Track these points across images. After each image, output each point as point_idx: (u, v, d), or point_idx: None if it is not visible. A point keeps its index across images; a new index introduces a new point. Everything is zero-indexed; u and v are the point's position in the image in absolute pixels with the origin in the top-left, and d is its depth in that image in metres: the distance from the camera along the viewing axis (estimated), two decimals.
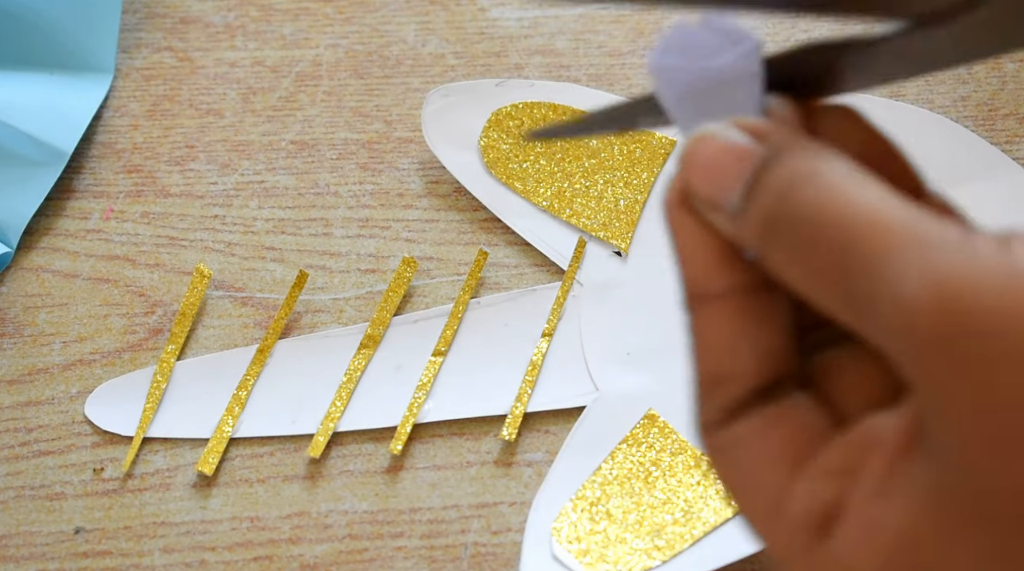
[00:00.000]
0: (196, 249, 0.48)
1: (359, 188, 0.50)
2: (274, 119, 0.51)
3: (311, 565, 0.42)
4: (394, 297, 0.46)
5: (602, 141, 0.49)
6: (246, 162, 0.50)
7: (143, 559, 0.42)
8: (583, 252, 0.47)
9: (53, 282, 0.48)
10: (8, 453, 0.44)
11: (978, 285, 0.20)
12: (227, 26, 0.54)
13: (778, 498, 0.24)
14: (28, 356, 0.46)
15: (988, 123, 0.50)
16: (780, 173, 0.23)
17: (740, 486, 0.25)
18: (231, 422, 0.44)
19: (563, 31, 0.54)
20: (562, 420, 0.44)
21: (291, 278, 0.47)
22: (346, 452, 0.44)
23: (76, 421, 0.45)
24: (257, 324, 0.47)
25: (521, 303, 0.47)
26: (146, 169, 0.50)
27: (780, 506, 0.24)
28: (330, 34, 0.54)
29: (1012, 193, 0.48)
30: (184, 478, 0.43)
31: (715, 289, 0.24)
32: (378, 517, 0.43)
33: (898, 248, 0.21)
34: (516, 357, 0.45)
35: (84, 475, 0.43)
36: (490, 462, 0.44)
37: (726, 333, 0.24)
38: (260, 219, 0.49)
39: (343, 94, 0.52)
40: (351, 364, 0.45)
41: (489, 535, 0.42)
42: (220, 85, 0.52)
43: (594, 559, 0.41)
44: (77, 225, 0.49)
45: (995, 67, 0.52)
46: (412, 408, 0.44)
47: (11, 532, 0.42)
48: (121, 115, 0.52)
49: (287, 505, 0.43)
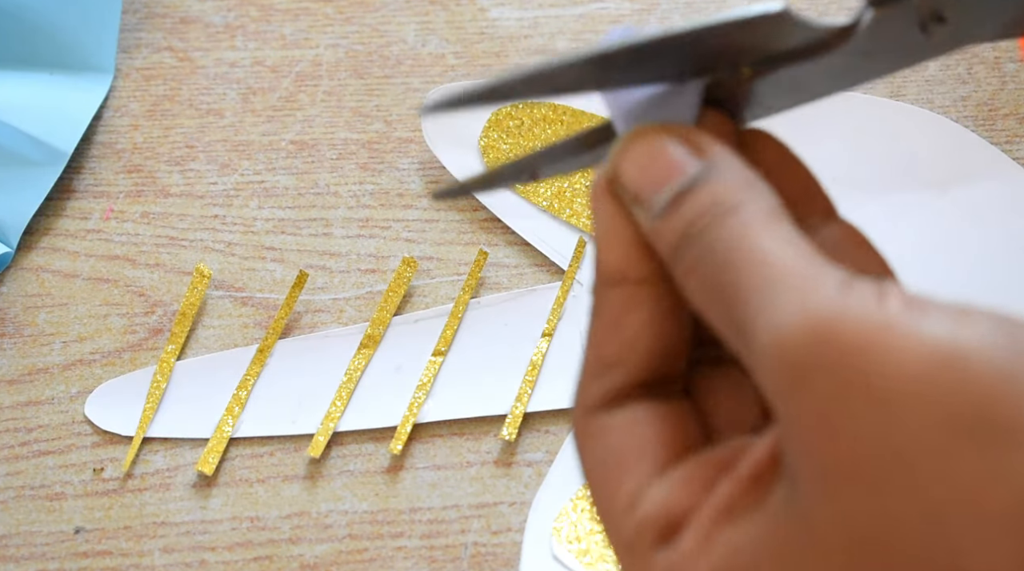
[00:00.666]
0: (196, 249, 0.48)
1: (359, 188, 0.50)
2: (274, 119, 0.51)
3: (311, 565, 0.42)
4: (394, 297, 0.46)
5: None
6: (246, 162, 0.50)
7: (143, 559, 0.42)
8: (583, 252, 0.47)
9: (53, 282, 0.48)
10: (8, 453, 0.44)
11: (843, 325, 0.21)
12: (227, 26, 0.54)
13: (635, 494, 0.24)
14: (28, 356, 0.46)
15: (988, 123, 0.50)
16: (705, 198, 0.24)
17: (602, 475, 0.25)
18: (231, 422, 0.44)
19: (563, 31, 0.54)
20: (562, 420, 0.44)
21: (291, 278, 0.47)
22: (346, 452, 0.44)
23: (76, 421, 0.45)
24: (257, 324, 0.47)
25: (521, 303, 0.47)
26: (146, 169, 0.50)
27: (634, 503, 0.24)
28: (330, 34, 0.54)
29: (1012, 193, 0.48)
30: (184, 478, 0.43)
31: (627, 276, 0.25)
32: (378, 517, 0.43)
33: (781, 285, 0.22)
34: (516, 357, 0.45)
35: (84, 475, 0.43)
36: (490, 462, 0.44)
37: (629, 320, 0.25)
38: (260, 219, 0.49)
39: (343, 94, 0.52)
40: (351, 364, 0.45)
41: (489, 535, 0.42)
42: (220, 85, 0.52)
43: (594, 559, 0.41)
44: (77, 225, 0.49)
45: (995, 67, 0.52)
46: (412, 408, 0.44)
47: (11, 532, 0.42)
48: (121, 115, 0.52)
49: (287, 505, 0.43)
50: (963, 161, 0.48)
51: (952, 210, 0.47)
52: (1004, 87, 0.51)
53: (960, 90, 0.51)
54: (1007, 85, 0.51)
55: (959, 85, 0.51)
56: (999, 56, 0.52)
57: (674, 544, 0.23)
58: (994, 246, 0.46)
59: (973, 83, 0.51)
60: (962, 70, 0.52)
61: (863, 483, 0.21)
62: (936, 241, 0.47)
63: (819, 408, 0.21)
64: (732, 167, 0.24)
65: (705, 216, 0.23)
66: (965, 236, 0.47)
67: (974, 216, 0.47)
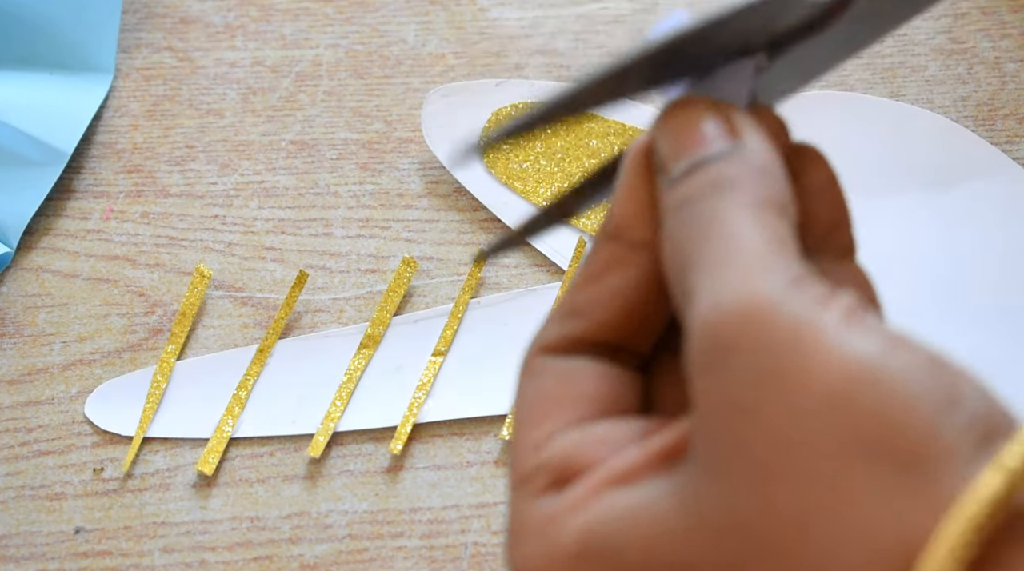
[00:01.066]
0: (196, 249, 0.48)
1: (359, 188, 0.50)
2: (274, 119, 0.51)
3: (311, 565, 0.42)
4: (394, 297, 0.46)
5: (603, 141, 0.49)
6: (246, 162, 0.50)
7: (143, 559, 0.42)
8: (583, 252, 0.47)
9: (53, 282, 0.48)
10: (8, 453, 0.44)
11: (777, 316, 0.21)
12: (227, 26, 0.54)
13: (546, 437, 0.24)
14: (28, 356, 0.46)
15: (988, 123, 0.50)
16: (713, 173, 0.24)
17: (527, 412, 0.25)
18: (231, 422, 0.44)
19: (563, 31, 0.54)
20: None
21: (291, 278, 0.47)
22: (346, 452, 0.44)
23: (76, 421, 0.45)
24: (257, 324, 0.47)
25: (521, 303, 0.47)
26: (146, 169, 0.50)
27: (541, 445, 0.24)
28: (330, 34, 0.54)
29: (1012, 193, 0.48)
30: (184, 478, 0.43)
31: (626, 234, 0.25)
32: (378, 517, 0.43)
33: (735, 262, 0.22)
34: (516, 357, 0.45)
35: (84, 475, 0.43)
36: (490, 462, 0.44)
37: (611, 276, 0.25)
38: (260, 219, 0.49)
39: (343, 94, 0.52)
40: (351, 364, 0.45)
41: (489, 535, 0.42)
42: (220, 85, 0.52)
43: None
44: (77, 225, 0.49)
45: (995, 67, 0.52)
46: (412, 408, 0.44)
47: (11, 532, 0.42)
48: (121, 115, 0.52)
49: (287, 505, 0.43)
50: (963, 161, 0.48)
51: (952, 210, 0.47)
52: (1004, 87, 0.51)
53: (960, 90, 0.51)
54: (1007, 85, 0.51)
55: (959, 85, 0.51)
56: (999, 56, 0.52)
57: (563, 493, 0.23)
58: (994, 246, 0.46)
59: (973, 83, 0.51)
60: (962, 70, 0.52)
61: (756, 472, 0.21)
62: (936, 241, 0.47)
63: (731, 388, 0.21)
64: (756, 153, 0.24)
65: (705, 188, 0.23)
66: (965, 236, 0.47)
67: (974, 216, 0.47)
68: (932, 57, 0.52)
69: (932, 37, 0.53)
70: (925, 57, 0.52)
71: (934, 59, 0.52)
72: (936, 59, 0.52)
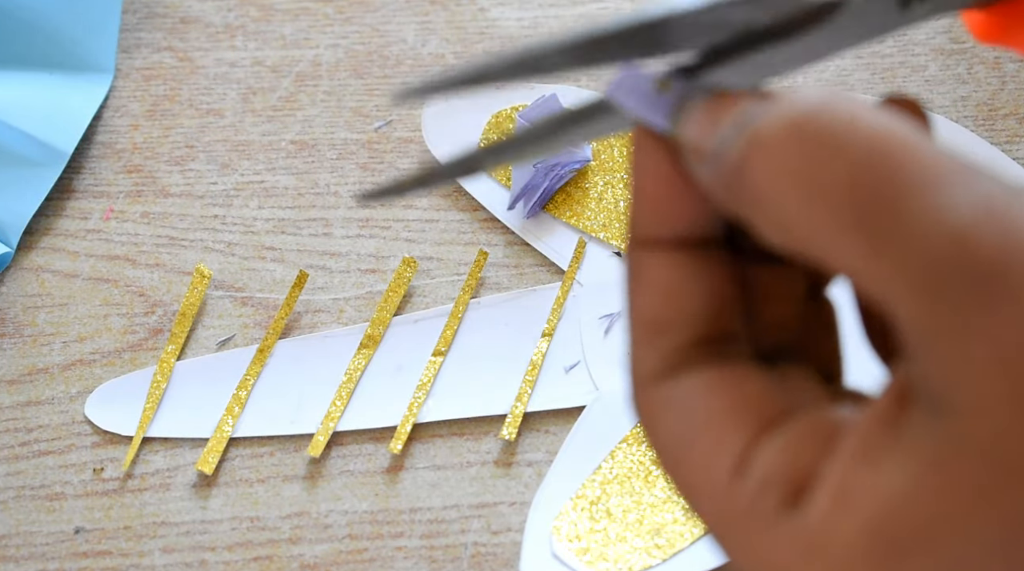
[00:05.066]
0: (196, 249, 0.48)
1: (359, 188, 0.50)
2: (274, 119, 0.51)
3: (311, 565, 0.42)
4: (394, 297, 0.46)
5: (602, 141, 0.49)
6: (246, 162, 0.50)
7: (143, 559, 0.42)
8: (583, 252, 0.47)
9: (53, 282, 0.48)
10: (8, 453, 0.44)
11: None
12: (227, 26, 0.54)
13: (738, 461, 0.21)
14: (28, 356, 0.46)
15: (988, 123, 0.50)
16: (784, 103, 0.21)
17: (685, 448, 0.22)
18: (231, 422, 0.44)
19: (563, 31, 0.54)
20: (562, 420, 0.44)
21: (291, 278, 0.47)
22: (346, 452, 0.44)
23: (76, 421, 0.45)
24: (257, 324, 0.47)
25: (521, 303, 0.47)
26: (146, 169, 0.50)
27: (742, 469, 0.21)
28: (330, 34, 0.54)
29: None
30: (184, 478, 0.43)
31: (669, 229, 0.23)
32: (378, 517, 0.43)
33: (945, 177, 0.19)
34: (516, 357, 0.45)
35: (84, 475, 0.43)
36: (490, 462, 0.44)
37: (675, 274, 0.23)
38: (260, 219, 0.49)
39: (343, 94, 0.52)
40: (351, 364, 0.45)
41: (489, 535, 0.42)
42: (220, 85, 0.52)
43: (594, 557, 0.41)
44: (77, 225, 0.49)
45: (995, 67, 0.52)
46: (412, 408, 0.44)
47: (11, 532, 0.42)
48: (121, 115, 0.52)
49: (287, 505, 0.43)
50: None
51: None
52: (1004, 87, 0.51)
53: (960, 90, 0.51)
54: (1007, 85, 0.51)
55: (959, 85, 0.51)
56: (999, 56, 0.52)
57: (803, 507, 0.21)
58: None
59: (973, 83, 0.51)
60: (962, 70, 0.52)
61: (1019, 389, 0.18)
62: None
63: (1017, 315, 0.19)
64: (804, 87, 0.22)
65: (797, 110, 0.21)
66: None
67: None
68: (932, 57, 0.52)
69: (932, 37, 0.53)
70: (925, 57, 0.52)
71: (934, 59, 0.52)
72: (936, 59, 0.52)
